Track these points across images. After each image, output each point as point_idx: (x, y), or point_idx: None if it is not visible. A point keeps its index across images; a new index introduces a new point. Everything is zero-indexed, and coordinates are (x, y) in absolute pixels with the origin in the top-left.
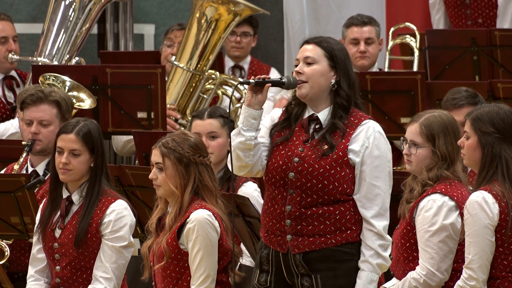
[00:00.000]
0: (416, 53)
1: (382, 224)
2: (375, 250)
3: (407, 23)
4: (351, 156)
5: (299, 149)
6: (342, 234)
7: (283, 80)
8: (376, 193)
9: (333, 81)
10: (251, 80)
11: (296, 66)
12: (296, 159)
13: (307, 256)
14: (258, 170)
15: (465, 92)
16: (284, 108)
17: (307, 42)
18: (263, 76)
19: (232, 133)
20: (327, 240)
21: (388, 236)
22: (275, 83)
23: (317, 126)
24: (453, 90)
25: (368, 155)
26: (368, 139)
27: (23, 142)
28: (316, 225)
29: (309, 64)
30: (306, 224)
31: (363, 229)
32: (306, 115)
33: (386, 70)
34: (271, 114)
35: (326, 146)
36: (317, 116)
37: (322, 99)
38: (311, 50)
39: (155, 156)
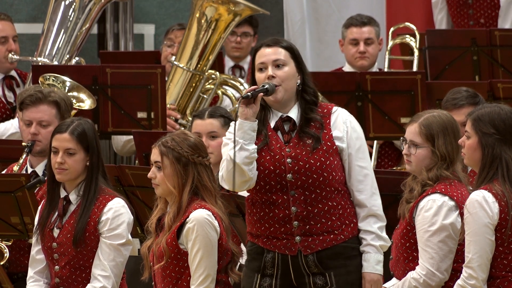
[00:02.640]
0: (416, 53)
1: (377, 202)
2: (375, 233)
3: (407, 23)
4: (338, 143)
5: (286, 150)
6: (347, 228)
7: (266, 87)
8: (365, 174)
9: (299, 81)
10: (248, 94)
11: (260, 69)
12: (289, 160)
13: (320, 255)
14: (254, 181)
15: (465, 92)
16: None
17: (268, 45)
18: (251, 88)
19: (230, 152)
20: (336, 236)
21: (384, 216)
22: (262, 91)
23: (291, 126)
24: (453, 90)
25: (350, 138)
26: (345, 123)
27: (23, 143)
28: (324, 222)
29: (279, 66)
30: (314, 222)
31: (360, 216)
32: (274, 117)
33: (386, 70)
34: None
35: (310, 141)
36: (287, 116)
37: (291, 100)
38: (279, 53)
39: (154, 155)
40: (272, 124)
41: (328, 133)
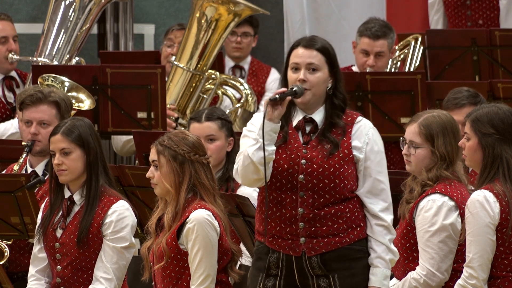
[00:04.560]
0: (418, 56)
1: (390, 217)
2: (386, 246)
3: (415, 35)
4: (355, 153)
5: (303, 151)
6: (353, 231)
7: (295, 89)
8: (382, 188)
9: (329, 85)
10: (277, 97)
11: (294, 69)
12: (304, 161)
13: (324, 257)
14: (268, 180)
15: (466, 92)
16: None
17: (305, 46)
18: (280, 90)
19: (249, 148)
20: (342, 239)
21: (394, 230)
22: (290, 94)
23: (313, 128)
24: (454, 90)
25: (370, 151)
26: (367, 135)
27: (23, 143)
28: (330, 225)
29: (313, 70)
30: (320, 225)
31: (371, 225)
32: (297, 116)
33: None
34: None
35: (329, 146)
36: (311, 117)
37: (318, 103)
38: (314, 56)
39: (152, 154)
40: (294, 123)
41: (348, 141)
